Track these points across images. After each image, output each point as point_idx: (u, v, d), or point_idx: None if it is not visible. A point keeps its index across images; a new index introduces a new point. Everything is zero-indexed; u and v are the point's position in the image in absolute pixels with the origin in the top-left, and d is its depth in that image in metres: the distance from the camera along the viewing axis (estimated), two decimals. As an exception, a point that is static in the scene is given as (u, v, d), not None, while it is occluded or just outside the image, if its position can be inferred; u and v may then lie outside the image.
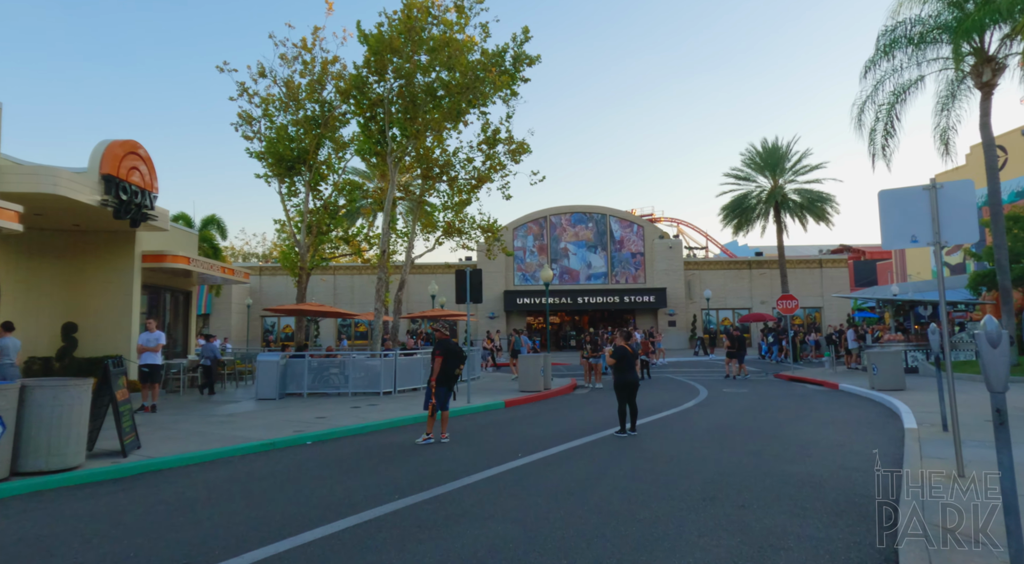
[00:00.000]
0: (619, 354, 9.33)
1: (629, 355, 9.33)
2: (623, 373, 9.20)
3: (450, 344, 8.79)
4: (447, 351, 8.72)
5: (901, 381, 14.15)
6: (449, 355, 8.69)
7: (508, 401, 13.42)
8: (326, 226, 21.30)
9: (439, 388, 8.70)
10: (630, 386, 9.13)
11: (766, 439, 8.38)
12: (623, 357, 9.28)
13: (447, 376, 8.69)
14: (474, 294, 12.98)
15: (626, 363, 9.25)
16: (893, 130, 17.79)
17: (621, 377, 9.20)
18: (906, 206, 5.81)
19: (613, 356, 9.37)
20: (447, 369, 8.68)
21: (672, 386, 17.39)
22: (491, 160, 20.08)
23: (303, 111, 20.06)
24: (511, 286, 40.27)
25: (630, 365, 9.25)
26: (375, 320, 17.18)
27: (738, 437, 8.61)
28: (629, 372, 9.19)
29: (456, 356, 8.73)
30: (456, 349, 8.79)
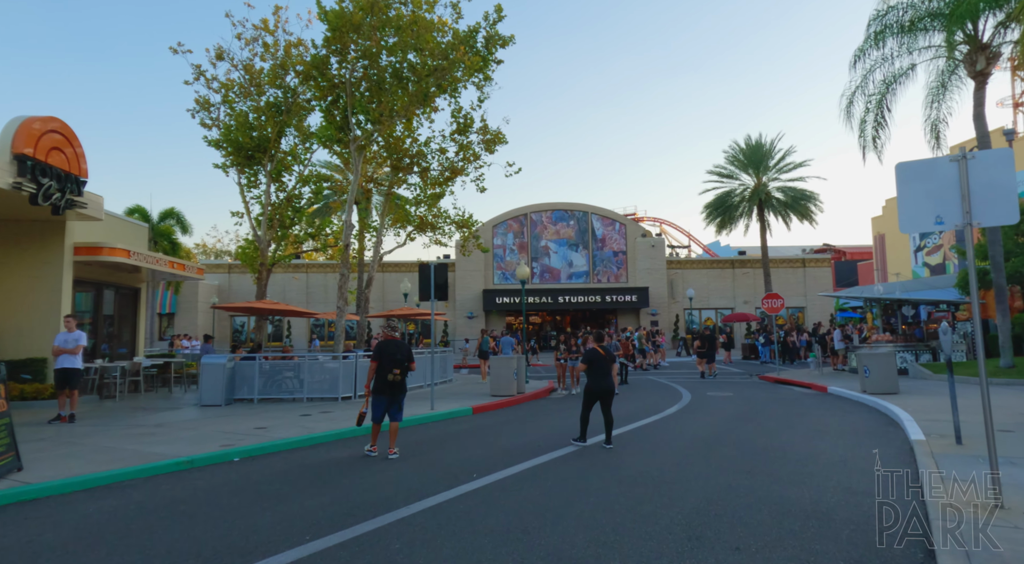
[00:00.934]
0: (589, 357, 8.35)
1: (601, 359, 8.31)
2: (595, 379, 8.23)
3: (387, 346, 7.70)
4: (380, 354, 7.63)
5: (894, 384, 13.35)
6: (383, 359, 7.60)
7: (476, 407, 12.35)
8: (289, 220, 20.04)
9: (373, 397, 7.62)
10: (603, 394, 8.16)
11: (758, 453, 7.42)
12: (595, 361, 8.30)
13: (381, 383, 7.60)
14: (439, 291, 11.88)
15: (598, 368, 8.26)
16: (884, 121, 17.05)
17: (594, 383, 8.24)
18: (930, 181, 4.85)
19: (583, 360, 8.40)
20: (379, 375, 7.59)
21: (653, 389, 16.45)
22: (465, 151, 19.01)
23: (265, 97, 18.80)
24: (490, 285, 39.19)
25: (603, 370, 8.26)
26: (337, 319, 16.00)
27: (726, 450, 7.63)
28: (602, 378, 8.21)
29: (390, 360, 7.62)
30: (391, 352, 7.67)
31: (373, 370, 7.61)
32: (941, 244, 49.28)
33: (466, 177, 19.82)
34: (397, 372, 7.60)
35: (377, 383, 7.61)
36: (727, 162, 36.27)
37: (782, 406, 12.51)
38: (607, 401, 8.19)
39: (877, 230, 56.57)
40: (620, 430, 9.32)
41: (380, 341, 7.86)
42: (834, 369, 21.50)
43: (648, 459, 7.14)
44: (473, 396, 14.32)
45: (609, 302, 38.06)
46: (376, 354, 7.65)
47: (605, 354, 8.37)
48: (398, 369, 7.61)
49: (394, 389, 7.66)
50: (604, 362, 8.28)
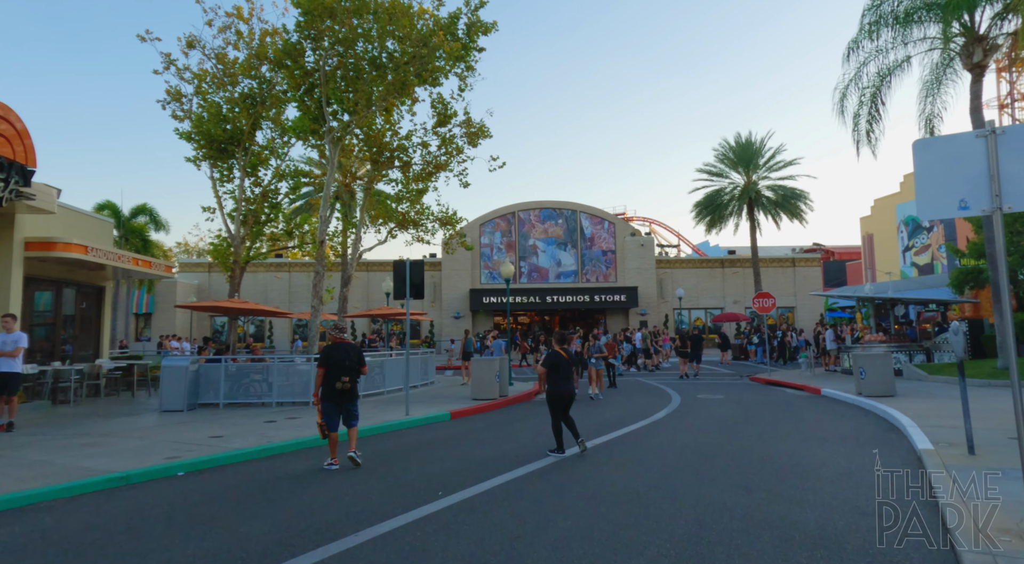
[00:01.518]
0: (551, 361, 7.80)
1: (564, 362, 7.82)
2: (559, 384, 7.70)
3: (335, 351, 7.01)
4: (327, 360, 6.94)
5: (891, 387, 12.83)
6: (331, 365, 6.92)
7: (455, 412, 11.67)
8: (265, 216, 19.25)
9: (323, 405, 6.94)
10: (565, 399, 7.66)
11: (754, 464, 6.81)
12: (557, 365, 7.77)
13: (329, 391, 6.91)
14: (415, 289, 11.19)
15: (560, 372, 7.76)
16: (878, 114, 16.58)
17: (555, 388, 7.69)
18: (952, 160, 4.26)
19: (544, 363, 7.84)
20: (327, 383, 6.91)
21: (641, 392, 15.85)
22: (447, 144, 18.33)
23: (239, 88, 18.01)
24: (477, 284, 38.51)
25: (566, 374, 7.78)
26: (312, 319, 15.25)
27: (719, 461, 7.02)
28: (565, 382, 7.72)
29: (338, 366, 6.92)
30: (340, 357, 6.96)
31: (320, 377, 6.92)
32: (929, 244, 49.24)
33: (449, 173, 19.16)
34: (346, 379, 6.92)
35: (325, 391, 6.93)
36: (717, 160, 35.88)
37: (775, 410, 11.95)
38: (567, 406, 7.73)
39: (865, 230, 56.50)
40: (604, 438, 8.69)
41: (327, 345, 7.16)
42: (826, 370, 21.06)
43: (633, 472, 6.51)
44: (453, 400, 13.64)
45: (598, 302, 37.52)
46: (323, 359, 6.96)
47: (568, 358, 7.91)
48: (347, 376, 6.92)
49: (343, 397, 6.98)
50: (566, 366, 7.82)
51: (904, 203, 51.78)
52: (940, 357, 18.36)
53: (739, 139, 35.33)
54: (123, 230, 24.34)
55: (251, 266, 38.60)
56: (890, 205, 53.03)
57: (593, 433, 9.08)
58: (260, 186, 19.16)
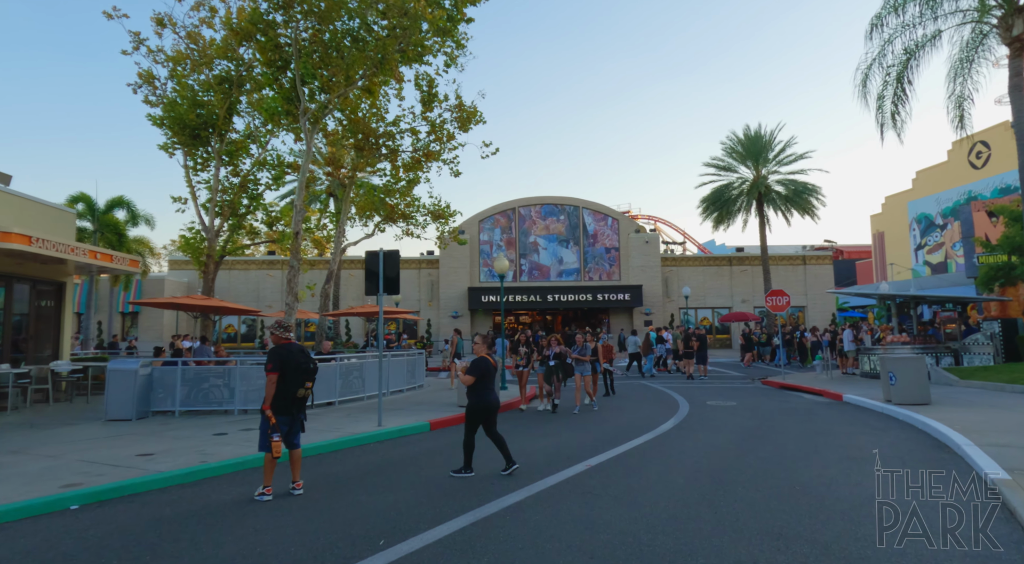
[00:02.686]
0: (481, 368, 6.68)
1: (492, 370, 6.76)
2: (483, 393, 6.65)
3: (291, 354, 5.75)
4: (284, 363, 5.68)
5: (926, 394, 11.45)
6: (288, 369, 5.66)
7: (435, 422, 10.37)
8: (243, 207, 18.01)
9: (280, 419, 5.66)
10: (489, 410, 6.62)
11: (784, 497, 5.48)
12: (485, 373, 6.68)
13: (287, 400, 5.65)
14: (389, 284, 9.88)
15: (489, 381, 6.70)
16: (904, 95, 15.19)
17: (481, 399, 6.62)
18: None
19: (472, 371, 6.72)
20: (285, 390, 5.64)
21: (645, 398, 14.52)
22: (437, 130, 17.04)
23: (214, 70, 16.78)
24: (476, 283, 37.20)
25: (492, 383, 6.77)
26: (286, 317, 13.97)
27: (740, 490, 5.69)
28: (491, 392, 6.70)
29: (297, 370, 5.69)
30: (299, 360, 5.74)
31: (274, 384, 5.64)
32: (943, 242, 47.71)
33: (441, 164, 17.88)
34: (309, 385, 5.71)
35: (281, 401, 5.65)
36: (725, 154, 34.48)
37: (797, 420, 10.59)
38: (493, 419, 6.70)
39: (876, 228, 54.94)
40: (601, 457, 7.36)
41: (279, 347, 5.88)
42: (843, 373, 19.67)
43: (634, 509, 5.18)
44: (436, 407, 12.35)
45: (601, 301, 36.17)
46: (277, 363, 5.68)
47: (495, 364, 6.86)
48: (310, 382, 5.71)
49: (301, 407, 5.74)
50: (494, 374, 6.80)
51: (917, 200, 50.23)
52: (970, 360, 16.94)
53: (748, 132, 33.91)
54: (98, 224, 23.12)
55: (243, 264, 37.51)
56: (902, 202, 51.46)
57: (588, 451, 7.76)
58: (238, 175, 17.93)
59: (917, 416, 9.86)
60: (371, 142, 16.74)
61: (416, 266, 38.16)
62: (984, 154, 44.25)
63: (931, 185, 48.07)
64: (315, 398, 12.22)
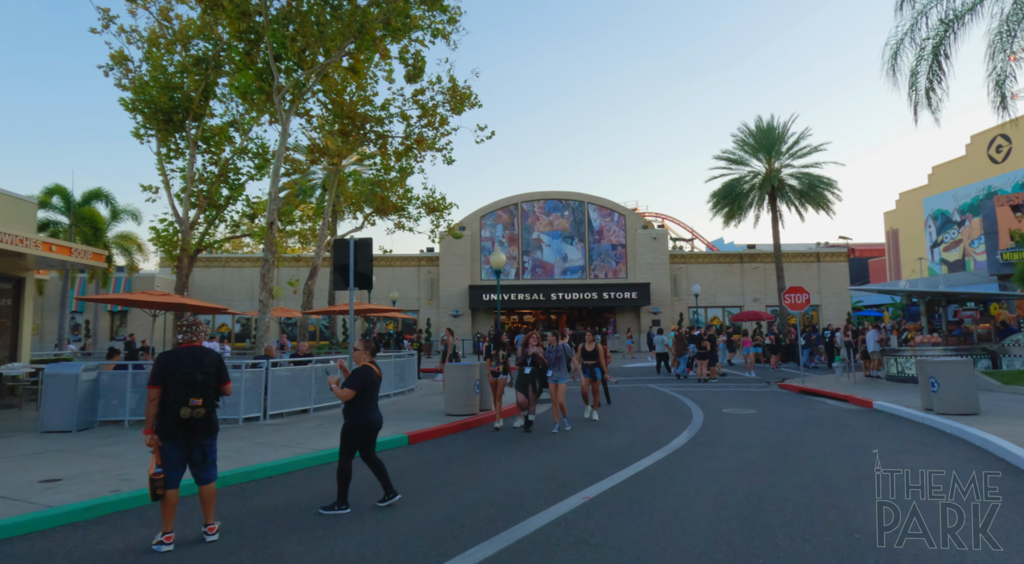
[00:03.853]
0: (359, 380, 5.35)
1: (375, 382, 5.46)
2: (364, 411, 5.37)
3: (175, 360, 4.51)
4: (164, 374, 4.45)
5: (974, 402, 10.06)
6: (172, 381, 4.40)
7: (415, 434, 9.10)
8: (221, 198, 16.82)
9: (163, 446, 4.40)
10: (371, 431, 5.43)
11: (839, 545, 4.17)
12: (368, 385, 5.39)
13: (171, 422, 4.38)
14: (360, 278, 8.61)
15: (371, 395, 5.44)
16: (941, 71, 13.77)
17: (361, 417, 5.36)
18: None
19: (348, 383, 5.39)
20: (167, 409, 4.39)
21: (653, 404, 13.19)
22: (429, 115, 15.79)
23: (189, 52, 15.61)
24: (477, 281, 35.94)
25: (373, 398, 5.47)
26: (260, 316, 12.77)
27: (782, 540, 4.38)
28: (372, 410, 5.46)
29: (183, 382, 4.42)
30: (185, 369, 4.46)
31: (155, 402, 4.39)
32: (960, 239, 46.03)
33: (436, 153, 16.64)
34: (198, 402, 4.39)
35: (165, 422, 4.39)
36: (736, 146, 33.03)
37: (828, 433, 9.25)
38: (373, 441, 5.51)
39: (890, 225, 53.24)
40: (603, 485, 6.06)
41: (162, 354, 4.63)
42: (866, 376, 18.26)
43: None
44: (422, 416, 11.07)
45: (607, 299, 34.82)
46: (157, 374, 4.44)
47: (379, 374, 5.56)
48: (199, 398, 4.40)
49: (193, 430, 4.44)
50: (378, 387, 5.56)
51: (933, 196, 48.51)
52: (1010, 363, 15.50)
53: (760, 123, 32.44)
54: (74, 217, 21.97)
55: (237, 261, 36.36)
56: (917, 199, 49.73)
57: (586, 476, 6.46)
58: (217, 164, 16.74)
59: (971, 430, 8.49)
60: (358, 127, 15.52)
61: (416, 264, 36.95)
62: (1005, 148, 42.51)
63: (948, 181, 46.37)
64: (288, 406, 11.00)
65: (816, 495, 5.63)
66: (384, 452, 8.12)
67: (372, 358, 5.52)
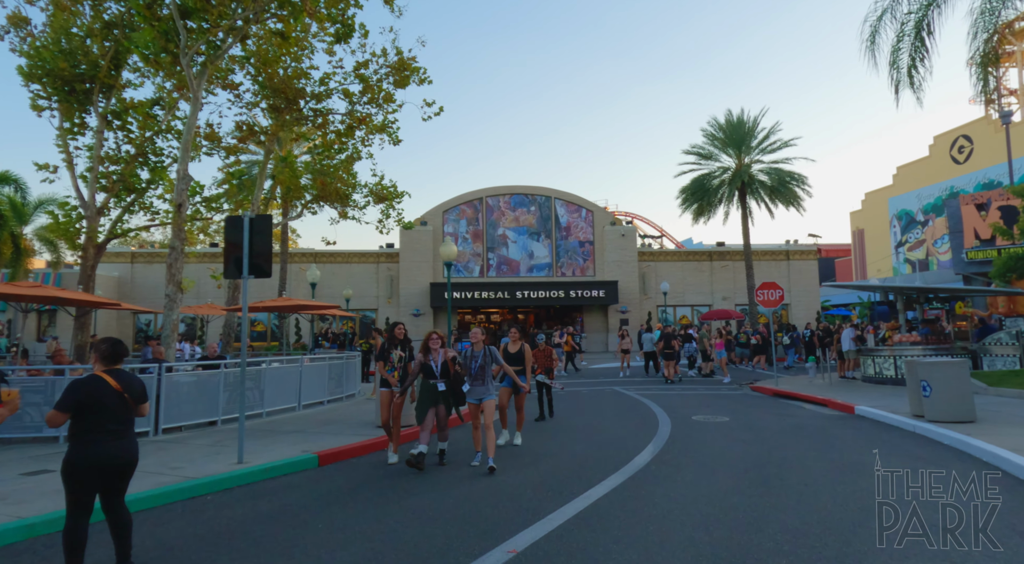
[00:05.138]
0: (71, 396, 3.60)
1: (104, 398, 3.65)
2: (81, 441, 3.59)
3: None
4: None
5: (970, 408, 8.97)
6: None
7: (328, 453, 7.54)
8: (140, 182, 14.92)
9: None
10: (94, 471, 3.62)
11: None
12: (89, 406, 3.61)
13: None
14: (256, 266, 7.00)
15: (98, 419, 3.64)
16: (924, 48, 12.79)
17: (76, 451, 3.60)
18: None
19: (59, 404, 3.57)
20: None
21: (615, 410, 11.86)
22: (372, 91, 14.22)
23: (107, 16, 13.71)
24: (439, 278, 34.28)
25: (101, 423, 3.64)
26: (166, 314, 11.02)
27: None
28: (100, 440, 3.63)
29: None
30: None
31: None
32: (924, 239, 46.26)
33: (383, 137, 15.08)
34: None
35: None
36: (706, 141, 32.18)
37: (812, 446, 8.02)
38: (116, 486, 3.76)
39: (856, 225, 53.44)
40: (539, 530, 4.61)
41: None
42: (841, 377, 17.34)
43: None
44: (348, 428, 9.50)
45: (574, 297, 33.58)
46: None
47: (120, 389, 3.72)
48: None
49: None
50: (111, 409, 3.68)
51: (897, 196, 48.73)
52: (991, 363, 14.66)
53: (730, 117, 31.64)
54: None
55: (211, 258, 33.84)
56: (882, 199, 49.92)
57: (520, 514, 5.01)
58: (134, 143, 14.83)
59: (977, 443, 7.34)
60: (291, 102, 13.83)
61: (374, 260, 35.14)
62: (967, 149, 42.77)
63: (912, 181, 46.59)
64: (189, 418, 9.32)
65: (815, 540, 4.30)
66: (282, 479, 6.58)
67: (107, 366, 3.81)
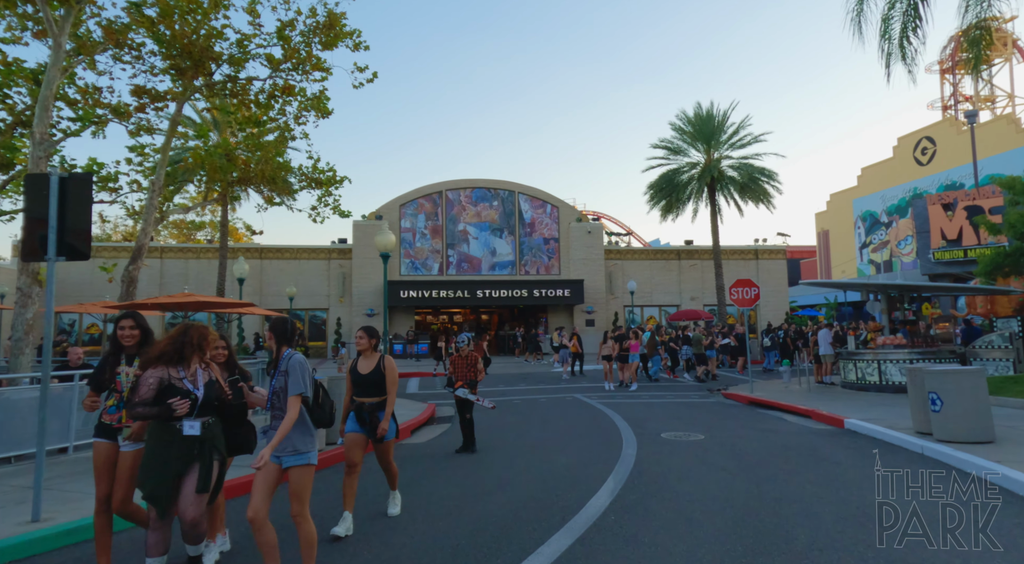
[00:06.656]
0: None
1: None
2: None
3: None
4: None
5: (988, 427, 7.52)
6: None
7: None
8: (13, 157, 12.61)
9: None
10: None
11: None
12: None
13: None
14: (66, 246, 5.02)
15: None
16: (919, 18, 11.46)
17: None
18: None
19: None
20: None
21: (577, 421, 10.14)
22: (296, 55, 12.25)
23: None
24: (396, 276, 32.24)
25: None
26: (16, 311, 8.85)
27: None
28: None
29: None
30: None
31: None
32: (887, 240, 46.15)
33: (307, 104, 13.12)
34: None
35: None
36: (675, 135, 30.84)
37: (810, 477, 6.41)
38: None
39: (821, 226, 53.23)
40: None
41: None
42: (818, 382, 16.04)
43: None
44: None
45: (538, 297, 31.91)
46: None
47: None
48: None
49: None
50: None
51: (862, 197, 48.59)
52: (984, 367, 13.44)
53: (699, 111, 30.38)
54: None
55: (112, 252, 31.06)
56: (847, 200, 49.74)
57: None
58: (12, 110, 12.49)
59: (1005, 471, 5.83)
60: (197, 63, 11.73)
61: (325, 256, 32.87)
62: (930, 150, 42.67)
63: (876, 182, 46.46)
64: (28, 444, 7.22)
65: None
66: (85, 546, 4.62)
67: None
